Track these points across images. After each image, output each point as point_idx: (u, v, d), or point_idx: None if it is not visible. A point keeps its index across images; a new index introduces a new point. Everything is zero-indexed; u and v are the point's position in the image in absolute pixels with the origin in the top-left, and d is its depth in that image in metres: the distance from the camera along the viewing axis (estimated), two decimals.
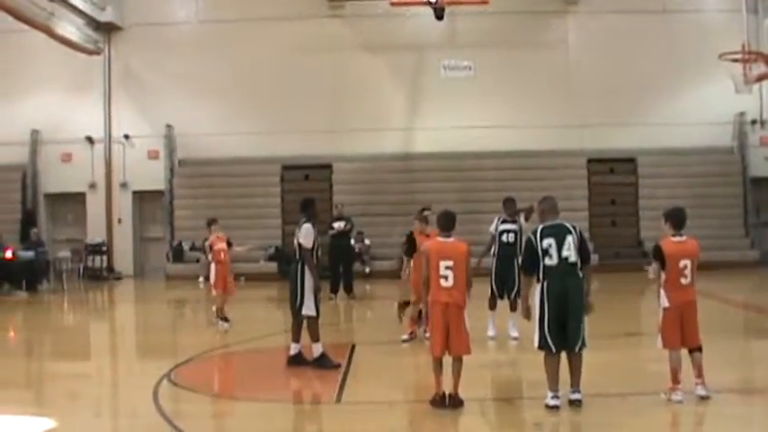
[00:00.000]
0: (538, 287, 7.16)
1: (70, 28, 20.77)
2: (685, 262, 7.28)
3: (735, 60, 19.87)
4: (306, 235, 9.21)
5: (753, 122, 23.05)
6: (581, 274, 7.16)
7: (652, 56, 22.36)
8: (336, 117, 22.75)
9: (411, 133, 23.34)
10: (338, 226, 16.88)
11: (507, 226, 10.98)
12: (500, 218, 11.07)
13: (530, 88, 22.82)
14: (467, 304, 7.37)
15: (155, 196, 23.56)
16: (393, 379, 8.92)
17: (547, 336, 7.06)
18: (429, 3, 19.99)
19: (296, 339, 9.39)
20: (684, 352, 7.29)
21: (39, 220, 23.22)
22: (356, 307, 16.25)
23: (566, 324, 7.04)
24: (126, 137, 23.44)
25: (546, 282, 7.11)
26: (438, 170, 22.51)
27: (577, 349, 7.09)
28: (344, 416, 7.54)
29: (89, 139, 23.41)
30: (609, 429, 6.70)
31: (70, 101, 23.18)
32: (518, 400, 8.01)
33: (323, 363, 9.20)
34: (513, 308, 10.82)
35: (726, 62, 19.80)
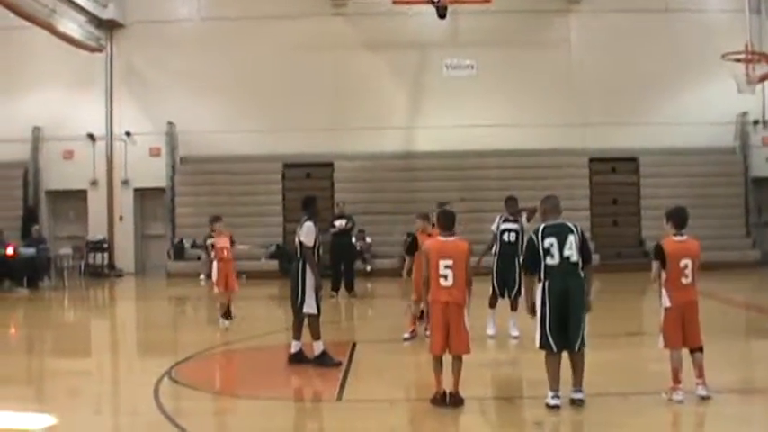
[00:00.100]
0: (539, 286, 7.16)
1: (72, 25, 20.76)
2: (686, 261, 7.28)
3: (737, 60, 19.83)
4: (307, 233, 9.22)
5: (755, 123, 23.03)
6: (582, 274, 7.16)
7: (654, 55, 22.34)
8: (338, 115, 22.73)
9: (413, 132, 23.33)
10: (339, 224, 16.87)
11: (509, 225, 10.95)
12: (502, 217, 11.04)
13: (532, 87, 22.80)
14: (467, 303, 7.37)
15: (156, 194, 23.57)
16: (394, 377, 8.92)
17: (548, 335, 7.06)
18: (431, 1, 19.98)
19: (297, 337, 9.40)
20: (685, 352, 7.29)
21: (40, 217, 23.26)
22: (357, 305, 16.24)
23: (567, 324, 7.04)
24: (127, 134, 23.45)
25: (547, 281, 7.11)
26: (440, 169, 22.50)
27: (577, 348, 7.10)
28: (345, 414, 7.54)
29: (91, 137, 23.43)
30: (609, 429, 6.70)
31: (72, 98, 23.18)
32: (518, 400, 8.00)
33: (324, 361, 9.20)
34: (514, 307, 10.82)
35: (728, 62, 19.76)
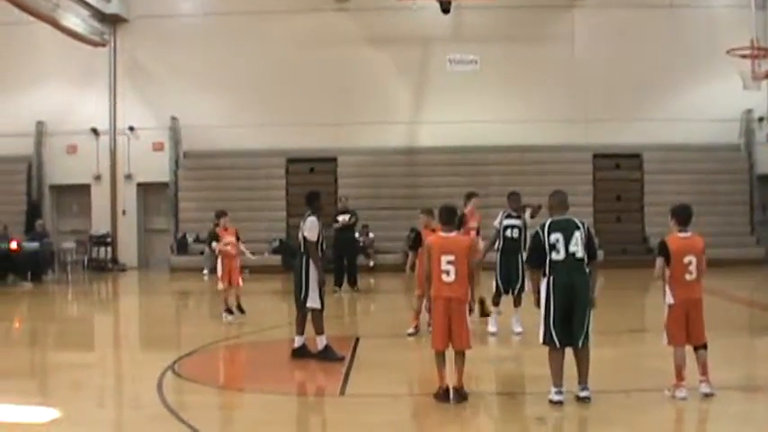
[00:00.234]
0: (544, 281, 7.14)
1: (75, 19, 20.75)
2: (690, 258, 7.25)
3: (743, 56, 19.75)
4: (310, 228, 9.21)
5: (760, 119, 22.97)
6: (587, 270, 7.14)
7: (659, 51, 22.27)
8: (342, 110, 22.71)
9: (416, 127, 23.31)
10: (343, 219, 16.86)
11: (512, 221, 10.87)
12: (504, 212, 10.94)
13: (536, 83, 22.76)
14: (468, 299, 7.36)
15: (159, 188, 23.59)
16: (397, 372, 8.91)
17: (552, 331, 7.05)
18: None
19: (300, 332, 9.39)
20: (689, 349, 7.27)
21: (44, 212, 23.31)
22: (360, 300, 16.26)
23: (571, 320, 7.02)
24: (131, 129, 23.45)
25: (552, 276, 7.09)
26: (443, 164, 22.49)
27: (581, 345, 7.08)
28: (348, 408, 7.54)
29: (94, 131, 23.44)
30: (612, 425, 6.68)
31: (75, 93, 23.21)
32: (521, 395, 7.99)
33: (327, 355, 9.20)
34: (517, 303, 10.80)
35: (734, 58, 19.69)
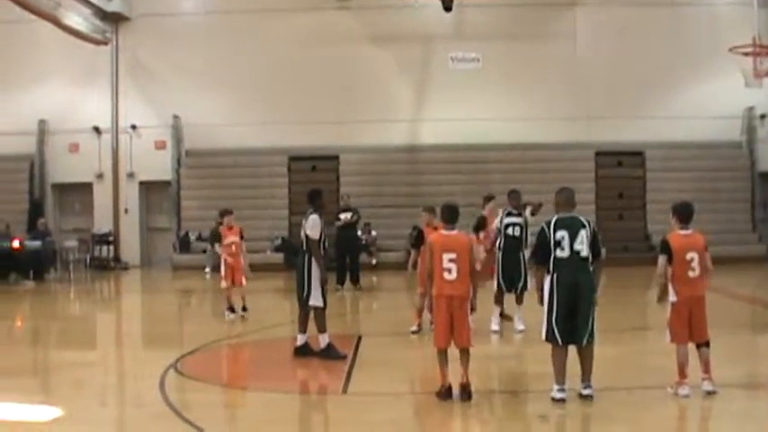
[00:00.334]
0: (547, 279, 7.13)
1: (77, 18, 20.75)
2: (692, 255, 7.26)
3: (745, 54, 19.70)
4: (313, 226, 9.21)
5: (762, 117, 22.92)
6: (591, 269, 7.14)
7: (660, 49, 22.23)
8: (344, 108, 22.69)
9: (418, 125, 23.29)
10: (345, 217, 16.87)
11: (513, 219, 10.82)
12: (505, 210, 10.88)
13: (538, 80, 22.72)
14: (470, 296, 7.36)
15: (161, 186, 23.58)
16: (399, 370, 8.92)
17: (554, 328, 7.05)
18: None
19: (302, 330, 9.39)
20: (692, 346, 7.27)
21: (46, 210, 23.31)
22: (363, 298, 16.26)
23: (574, 317, 7.02)
24: (133, 127, 23.44)
25: (556, 274, 7.09)
26: (445, 162, 22.47)
27: (584, 343, 7.08)
28: (351, 407, 7.55)
29: (96, 130, 23.43)
30: (615, 423, 6.68)
31: (77, 91, 23.19)
32: (523, 393, 7.98)
33: (329, 353, 9.21)
34: (520, 301, 10.79)
35: (736, 56, 19.65)
